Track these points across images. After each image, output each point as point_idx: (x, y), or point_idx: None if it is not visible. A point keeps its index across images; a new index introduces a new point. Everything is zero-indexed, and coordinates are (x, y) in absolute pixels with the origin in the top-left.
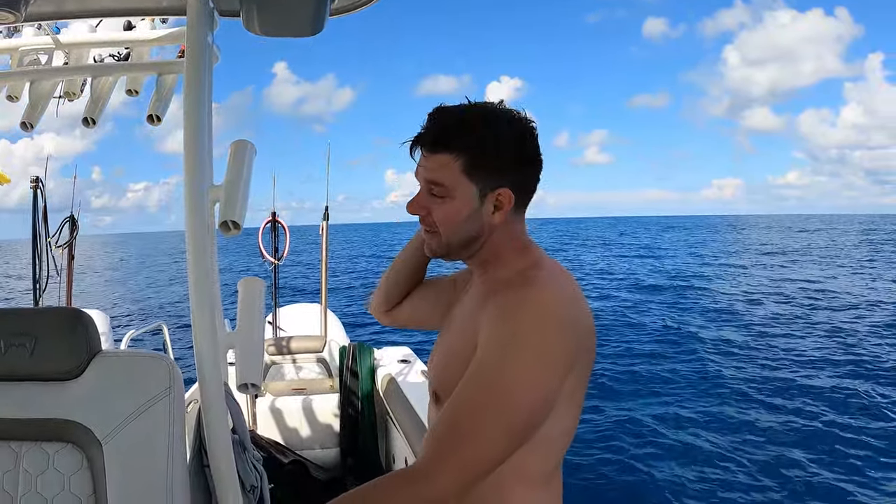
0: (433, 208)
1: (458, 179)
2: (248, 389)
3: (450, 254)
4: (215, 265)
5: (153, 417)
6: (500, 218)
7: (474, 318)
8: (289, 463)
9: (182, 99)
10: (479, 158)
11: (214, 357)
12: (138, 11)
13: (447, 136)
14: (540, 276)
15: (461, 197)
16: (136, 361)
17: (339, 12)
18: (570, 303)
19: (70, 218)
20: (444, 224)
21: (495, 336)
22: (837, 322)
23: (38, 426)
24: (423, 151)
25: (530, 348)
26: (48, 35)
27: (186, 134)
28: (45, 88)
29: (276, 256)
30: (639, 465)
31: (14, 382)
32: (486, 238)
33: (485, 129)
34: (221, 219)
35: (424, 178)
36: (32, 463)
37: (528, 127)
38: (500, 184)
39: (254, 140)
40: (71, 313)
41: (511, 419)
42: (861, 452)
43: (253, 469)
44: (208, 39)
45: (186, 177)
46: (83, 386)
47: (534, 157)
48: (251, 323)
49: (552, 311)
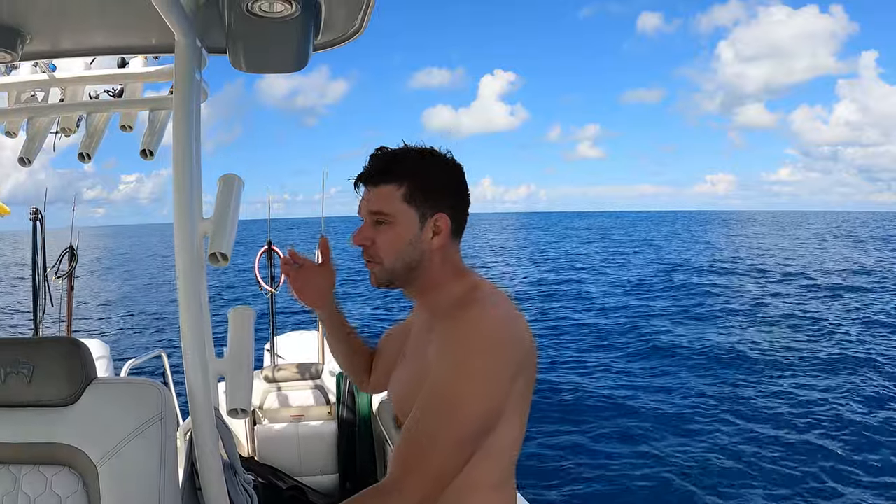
0: (377, 237)
1: (400, 207)
2: (237, 415)
3: (392, 281)
4: (205, 295)
5: (146, 441)
6: (439, 242)
7: (424, 346)
8: (287, 489)
9: None
10: (419, 186)
11: (205, 384)
12: (129, 49)
13: (389, 169)
14: (479, 298)
15: (403, 223)
16: (128, 388)
17: (323, 48)
18: (510, 321)
19: (69, 249)
20: (388, 249)
21: (444, 359)
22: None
23: (36, 450)
24: (367, 186)
25: (476, 367)
26: (44, 72)
27: (175, 168)
28: (42, 124)
29: (273, 285)
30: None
31: (13, 409)
32: (426, 264)
33: (423, 161)
34: (211, 251)
35: (368, 210)
36: (31, 486)
37: (459, 165)
38: (438, 209)
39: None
40: (68, 343)
41: (462, 431)
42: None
43: (244, 491)
44: (196, 76)
45: (176, 211)
46: (79, 412)
47: (465, 190)
48: (241, 350)
49: (494, 331)
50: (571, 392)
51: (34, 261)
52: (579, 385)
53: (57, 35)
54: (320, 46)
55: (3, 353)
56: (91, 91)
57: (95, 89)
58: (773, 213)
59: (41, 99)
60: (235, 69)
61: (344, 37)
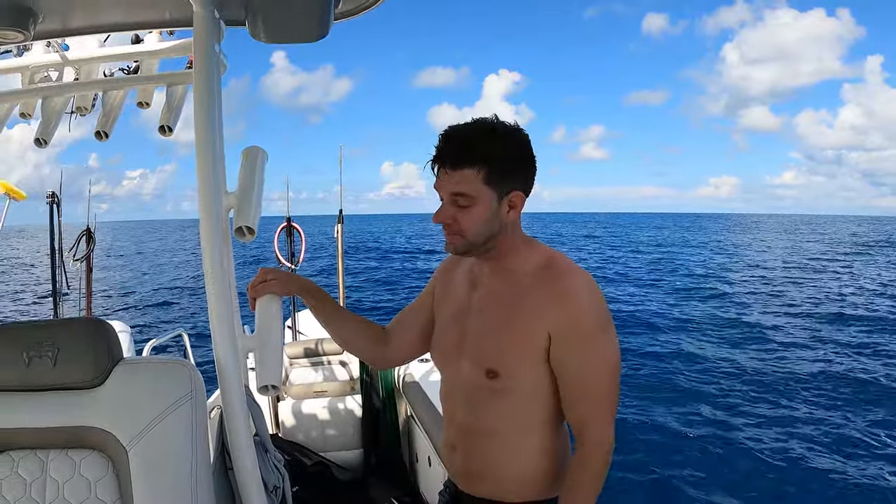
0: (459, 216)
1: (480, 189)
2: (268, 391)
3: (470, 251)
4: (232, 271)
5: (176, 422)
6: (514, 216)
7: (519, 302)
8: (312, 465)
9: (192, 108)
10: (497, 168)
11: (234, 360)
12: (145, 25)
13: (467, 152)
14: (567, 264)
15: (483, 203)
16: (157, 368)
17: (343, 16)
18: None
19: (86, 231)
20: (470, 227)
21: (586, 319)
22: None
23: (63, 434)
24: (445, 169)
25: (609, 323)
26: (57, 52)
27: (198, 143)
28: (57, 105)
29: (293, 261)
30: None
31: (38, 392)
32: (501, 235)
33: (498, 142)
34: (236, 225)
35: (449, 191)
36: (59, 470)
37: (526, 134)
38: (513, 187)
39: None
40: (92, 323)
41: (616, 376)
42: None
43: (275, 470)
44: (215, 49)
45: (200, 185)
46: (106, 393)
47: (534, 160)
48: (269, 326)
49: (593, 284)
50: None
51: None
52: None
53: (69, 12)
54: (341, 15)
55: (26, 336)
56: (105, 69)
57: (110, 67)
58: (777, 216)
59: (55, 79)
60: (255, 40)
61: (366, 3)
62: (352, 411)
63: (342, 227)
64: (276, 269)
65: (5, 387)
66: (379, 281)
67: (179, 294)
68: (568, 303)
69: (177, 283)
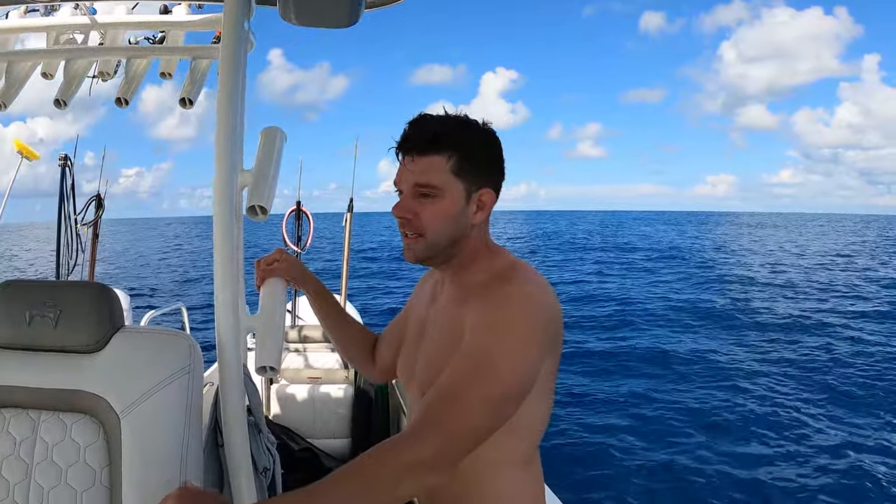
0: (421, 210)
1: (447, 179)
2: (266, 372)
3: (431, 257)
4: (241, 248)
5: (172, 394)
6: (481, 218)
7: (457, 320)
8: (300, 450)
9: (216, 84)
10: (469, 158)
11: (235, 337)
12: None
13: (438, 138)
14: (518, 274)
15: (450, 196)
16: (157, 338)
17: (374, 5)
18: (546, 297)
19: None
20: (433, 224)
21: (483, 322)
22: None
23: (58, 396)
24: (410, 156)
25: (515, 330)
26: (85, 15)
27: (220, 118)
28: (79, 67)
29: (300, 245)
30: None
31: (37, 352)
32: (465, 239)
33: (470, 132)
34: (249, 203)
35: (413, 181)
36: (50, 432)
37: (499, 139)
38: (483, 183)
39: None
40: (96, 288)
41: (489, 389)
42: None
43: (266, 451)
44: (245, 26)
45: (217, 160)
46: (105, 360)
47: (503, 165)
48: (273, 308)
49: (536, 301)
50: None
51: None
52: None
53: None
54: (372, 4)
55: (30, 295)
56: (131, 37)
57: (136, 35)
58: (775, 215)
59: (80, 42)
60: (285, 22)
61: None
62: (343, 400)
63: (351, 216)
64: (290, 255)
65: (4, 344)
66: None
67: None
68: (486, 306)
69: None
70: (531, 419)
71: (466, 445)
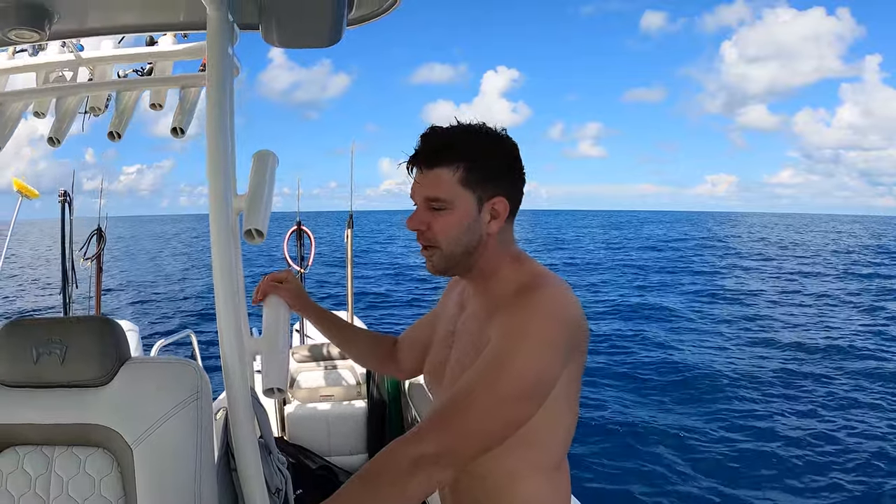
0: (433, 222)
1: (456, 191)
2: (273, 394)
3: (450, 268)
4: (240, 272)
5: (182, 422)
6: (497, 226)
7: (483, 333)
8: (317, 469)
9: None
10: (476, 168)
11: (241, 362)
12: (159, 27)
13: (443, 152)
14: (542, 283)
15: (460, 207)
16: (164, 367)
17: (357, 22)
18: (573, 305)
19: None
20: (445, 235)
21: (503, 331)
22: None
23: (69, 431)
24: (420, 169)
25: (532, 333)
26: (72, 52)
27: (210, 145)
28: (70, 104)
29: (302, 265)
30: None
31: (46, 389)
32: (483, 248)
33: (478, 141)
34: (246, 227)
35: (423, 195)
36: (64, 467)
37: (514, 143)
38: (495, 192)
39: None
40: (101, 322)
41: (503, 390)
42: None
43: (278, 472)
44: (229, 52)
45: (211, 187)
46: (113, 392)
47: (521, 169)
48: (276, 329)
49: (558, 309)
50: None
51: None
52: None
53: (85, 13)
54: (354, 21)
55: (36, 333)
56: (119, 70)
57: (124, 68)
58: (775, 215)
59: (69, 79)
60: (268, 44)
61: (379, 10)
62: (358, 416)
63: (352, 231)
64: (296, 279)
65: (13, 382)
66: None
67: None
68: (510, 315)
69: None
70: (553, 427)
71: (474, 443)
